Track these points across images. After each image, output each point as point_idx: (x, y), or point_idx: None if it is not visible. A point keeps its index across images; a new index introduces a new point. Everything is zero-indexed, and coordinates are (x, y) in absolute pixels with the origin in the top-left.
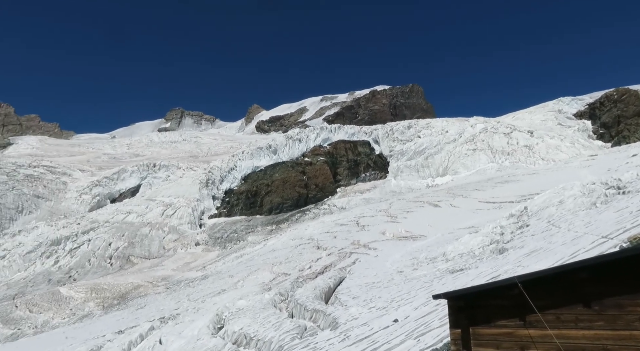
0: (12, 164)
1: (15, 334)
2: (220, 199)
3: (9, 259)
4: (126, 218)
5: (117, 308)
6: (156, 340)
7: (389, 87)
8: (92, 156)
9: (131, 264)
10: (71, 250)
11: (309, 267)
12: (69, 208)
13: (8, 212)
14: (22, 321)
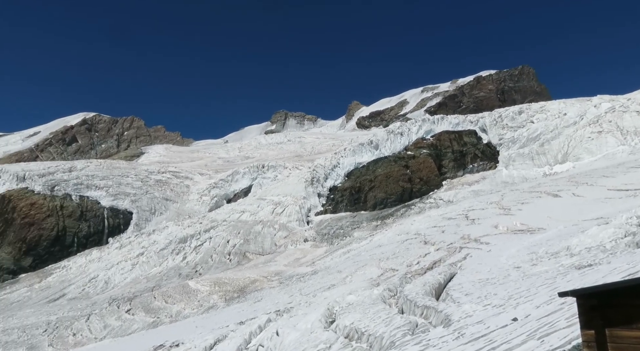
0: (145, 171)
1: (155, 322)
2: (325, 196)
3: (147, 255)
4: (241, 217)
5: (237, 300)
6: (273, 331)
7: (495, 71)
8: (209, 160)
9: (247, 260)
10: (196, 247)
11: (417, 263)
12: (192, 209)
13: (144, 214)
14: (160, 311)
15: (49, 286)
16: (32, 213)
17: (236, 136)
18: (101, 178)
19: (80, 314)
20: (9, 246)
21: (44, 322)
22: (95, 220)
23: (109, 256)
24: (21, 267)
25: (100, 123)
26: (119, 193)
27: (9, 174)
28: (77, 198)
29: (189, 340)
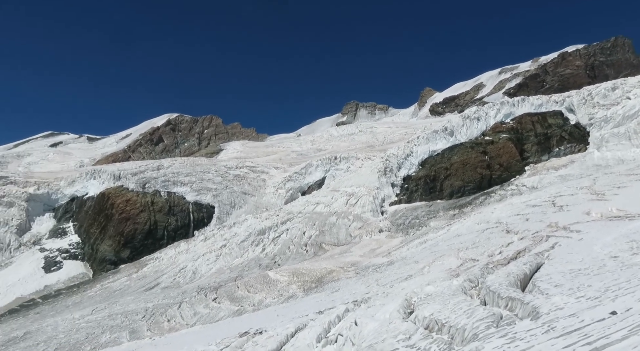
0: (224, 167)
1: (239, 310)
2: (399, 186)
3: (229, 247)
4: (315, 208)
5: (315, 290)
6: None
7: (582, 45)
8: (283, 154)
9: (323, 251)
10: (274, 239)
11: (499, 252)
12: (269, 202)
13: (225, 208)
14: (243, 300)
15: (145, 276)
16: (128, 209)
17: (308, 129)
18: (185, 175)
19: (172, 302)
20: (109, 239)
21: (142, 309)
22: (181, 214)
23: (195, 248)
24: (120, 258)
25: (182, 123)
26: (202, 188)
27: (107, 174)
28: (165, 194)
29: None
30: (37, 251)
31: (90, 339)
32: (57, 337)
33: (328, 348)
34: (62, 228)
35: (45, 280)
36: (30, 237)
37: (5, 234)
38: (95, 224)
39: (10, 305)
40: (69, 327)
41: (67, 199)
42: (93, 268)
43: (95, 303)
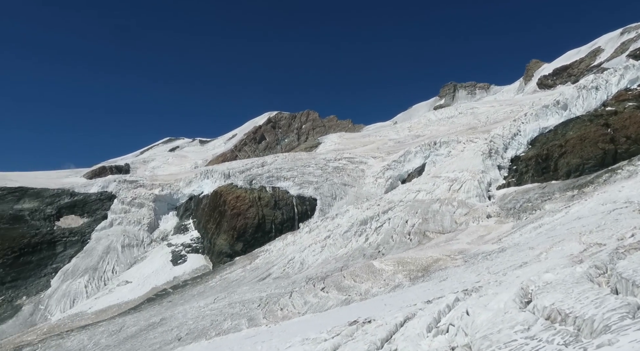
0: (323, 160)
1: (347, 299)
2: (507, 168)
3: (333, 238)
4: (417, 196)
5: (422, 280)
6: (463, 311)
7: None
8: (380, 143)
9: (428, 239)
10: (376, 228)
11: (631, 235)
12: (369, 191)
13: (326, 200)
14: (350, 289)
15: (257, 267)
16: (238, 205)
17: (404, 116)
18: (287, 170)
19: (284, 291)
20: (224, 234)
21: (257, 298)
22: (286, 208)
23: (301, 240)
24: (235, 251)
25: (281, 120)
26: (304, 182)
27: (218, 173)
28: (270, 189)
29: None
30: (165, 246)
31: (214, 325)
32: (187, 323)
33: (439, 338)
34: (184, 225)
35: (173, 272)
36: (159, 234)
37: (139, 232)
38: (211, 220)
39: (147, 294)
40: (196, 314)
41: (186, 198)
42: (212, 261)
43: (216, 292)
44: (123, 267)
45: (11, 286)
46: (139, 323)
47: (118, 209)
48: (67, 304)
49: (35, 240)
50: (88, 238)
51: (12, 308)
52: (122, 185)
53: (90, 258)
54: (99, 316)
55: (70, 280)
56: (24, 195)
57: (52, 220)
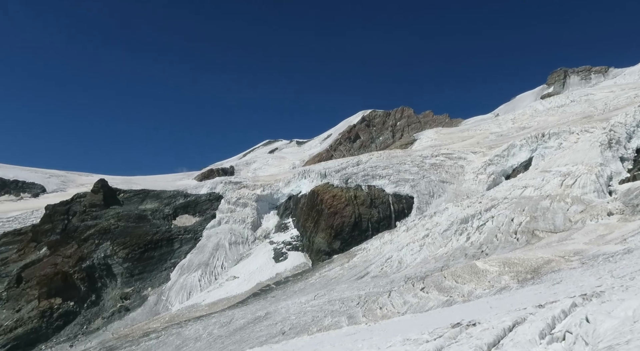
0: (419, 156)
1: (448, 300)
2: (631, 160)
3: (431, 237)
4: (523, 192)
5: (532, 282)
6: (582, 317)
7: None
8: (480, 137)
9: (537, 238)
10: (478, 227)
11: None
12: (469, 188)
13: (423, 197)
14: (451, 290)
15: (355, 266)
16: (335, 204)
17: (507, 107)
18: (383, 168)
19: (382, 290)
20: (322, 232)
21: (355, 296)
22: (382, 206)
23: (399, 238)
24: (333, 249)
25: (375, 118)
26: (399, 180)
27: (315, 173)
28: (366, 187)
29: (485, 319)
30: (267, 244)
31: (315, 321)
32: (289, 318)
33: (555, 346)
34: (284, 224)
35: (275, 268)
36: (262, 232)
37: (244, 230)
38: (309, 219)
39: (253, 289)
40: (297, 310)
41: (286, 197)
42: (311, 259)
43: (316, 289)
44: (231, 263)
45: (139, 278)
46: (246, 316)
47: (225, 209)
48: (185, 296)
49: (157, 237)
50: (200, 236)
51: (140, 298)
52: (228, 186)
53: (202, 255)
54: (212, 308)
55: (186, 274)
56: (147, 196)
57: (169, 219)
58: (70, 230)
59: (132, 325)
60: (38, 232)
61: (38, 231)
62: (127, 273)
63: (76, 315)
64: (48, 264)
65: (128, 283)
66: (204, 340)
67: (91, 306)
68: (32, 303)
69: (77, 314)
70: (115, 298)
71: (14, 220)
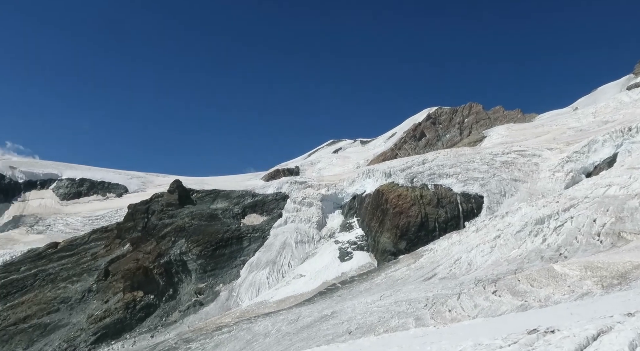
0: (489, 154)
1: (523, 305)
2: None
3: (503, 238)
4: (607, 191)
5: (619, 288)
6: None
7: None
8: (557, 133)
9: (624, 241)
10: (556, 228)
11: None
12: (545, 187)
13: (494, 197)
14: (526, 294)
15: (422, 267)
16: (400, 204)
17: (587, 100)
18: (450, 167)
19: (451, 292)
20: (387, 232)
21: (423, 298)
22: (450, 206)
23: (468, 239)
24: (398, 250)
25: (442, 115)
26: (468, 178)
27: (379, 172)
28: (432, 187)
29: (565, 327)
30: (333, 243)
31: (382, 322)
32: (355, 318)
33: None
34: (349, 223)
35: (341, 268)
36: (327, 231)
37: (309, 229)
38: (374, 219)
39: (319, 287)
40: (363, 310)
41: (350, 197)
42: (376, 259)
43: (382, 290)
44: (297, 262)
45: (211, 274)
46: (313, 314)
47: (291, 208)
48: (254, 293)
49: (227, 235)
50: (267, 235)
51: (213, 294)
52: (294, 186)
53: (269, 253)
54: (279, 306)
55: (255, 272)
56: (217, 196)
57: (238, 218)
58: (149, 228)
59: (205, 319)
60: (122, 229)
61: (122, 228)
62: (201, 269)
63: (156, 308)
64: (131, 259)
65: (202, 279)
66: (273, 336)
67: (169, 299)
68: (118, 295)
69: (157, 307)
70: (190, 292)
71: (101, 218)
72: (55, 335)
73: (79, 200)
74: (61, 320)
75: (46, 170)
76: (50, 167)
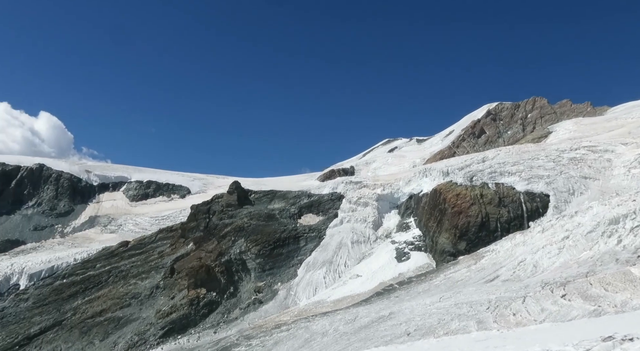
0: (555, 150)
1: (596, 310)
2: None
3: (572, 239)
4: None
5: None
6: None
7: None
8: (633, 126)
9: None
10: (632, 229)
11: None
12: (619, 185)
13: (561, 195)
14: (600, 299)
15: (483, 268)
16: (459, 203)
17: None
18: (512, 164)
19: (515, 295)
20: (446, 232)
21: (485, 300)
22: (512, 205)
23: (533, 240)
24: (458, 250)
25: (502, 111)
26: (532, 176)
27: (437, 171)
28: (493, 185)
29: None
30: (389, 243)
31: (441, 324)
32: (414, 319)
33: None
34: (405, 223)
35: (398, 268)
36: (383, 231)
37: (365, 229)
38: (432, 218)
39: (376, 288)
40: (422, 312)
41: (406, 197)
42: (435, 259)
43: (441, 291)
44: (353, 262)
45: (270, 273)
46: (370, 314)
47: (346, 208)
48: (311, 292)
49: (284, 235)
50: (323, 235)
51: (272, 292)
52: (349, 186)
53: (326, 253)
54: (336, 305)
55: (312, 271)
56: (274, 197)
57: (295, 218)
58: (211, 228)
59: (264, 316)
60: (185, 229)
61: (185, 228)
62: (260, 268)
63: (218, 305)
64: (194, 258)
65: (260, 278)
66: (331, 336)
67: (230, 297)
68: (183, 292)
69: (219, 304)
70: (249, 291)
71: (167, 218)
72: (127, 328)
73: (147, 201)
74: (132, 314)
75: (117, 173)
76: (121, 170)
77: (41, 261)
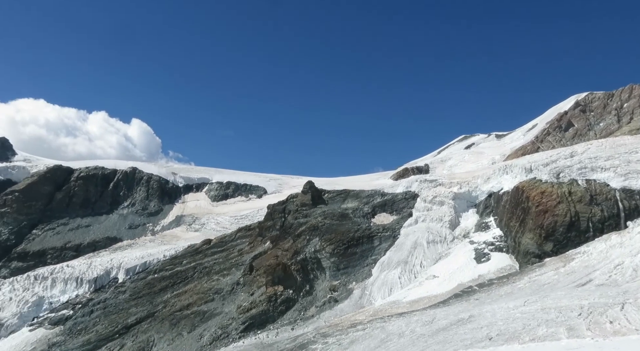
0: None
1: None
2: None
3: None
4: None
5: None
6: None
7: None
8: None
9: None
10: None
11: None
12: None
13: None
14: None
15: (573, 271)
16: (544, 201)
17: None
18: (605, 159)
19: (612, 302)
20: (529, 232)
21: (576, 306)
22: (606, 203)
23: (632, 241)
24: (544, 252)
25: (593, 101)
26: (630, 172)
27: (518, 167)
28: (583, 182)
29: None
30: (467, 243)
31: (527, 330)
32: (496, 323)
33: None
34: (485, 223)
35: (477, 270)
36: (460, 231)
37: (441, 229)
38: (514, 218)
39: (454, 290)
40: (505, 316)
41: (485, 195)
42: (518, 261)
43: (526, 295)
44: (429, 262)
45: (344, 272)
46: (449, 317)
47: (421, 207)
48: (386, 292)
49: (358, 234)
50: (398, 234)
51: (346, 291)
52: (423, 184)
53: (400, 253)
54: (412, 306)
55: (387, 271)
56: (347, 196)
57: (368, 217)
58: (286, 227)
59: (340, 315)
60: (262, 227)
61: (262, 227)
62: (334, 267)
63: (295, 302)
64: (271, 256)
65: (335, 277)
66: (407, 337)
67: (306, 295)
68: (261, 289)
69: (296, 301)
70: (325, 289)
71: (245, 217)
72: (211, 322)
73: (227, 201)
74: (216, 309)
75: (200, 175)
76: (203, 172)
77: (135, 257)
